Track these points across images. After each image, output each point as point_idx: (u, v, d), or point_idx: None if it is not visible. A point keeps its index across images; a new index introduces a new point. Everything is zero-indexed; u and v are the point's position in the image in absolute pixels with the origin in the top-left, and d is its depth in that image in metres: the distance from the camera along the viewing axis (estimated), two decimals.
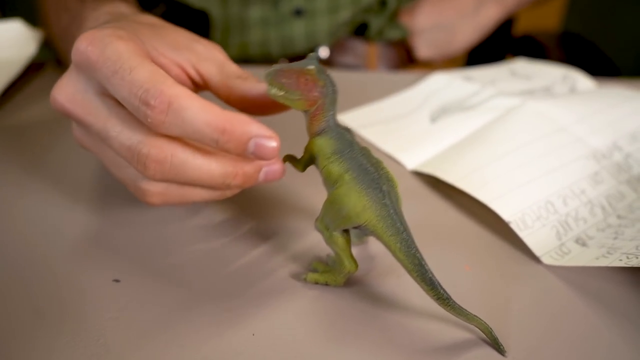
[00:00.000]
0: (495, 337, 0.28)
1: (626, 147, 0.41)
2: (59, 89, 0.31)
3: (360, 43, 0.70)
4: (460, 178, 0.39)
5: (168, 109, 0.27)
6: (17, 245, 0.34)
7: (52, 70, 0.56)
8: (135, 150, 0.29)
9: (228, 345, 0.28)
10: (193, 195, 0.31)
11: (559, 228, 0.35)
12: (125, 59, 0.28)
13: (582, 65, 0.58)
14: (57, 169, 0.41)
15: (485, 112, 0.46)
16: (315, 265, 0.32)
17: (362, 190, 0.28)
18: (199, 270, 0.33)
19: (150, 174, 0.29)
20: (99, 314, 0.30)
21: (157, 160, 0.28)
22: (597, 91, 0.49)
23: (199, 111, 0.27)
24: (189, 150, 0.29)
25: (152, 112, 0.27)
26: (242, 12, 0.63)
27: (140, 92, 0.27)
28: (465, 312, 0.27)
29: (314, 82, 0.29)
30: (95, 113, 0.30)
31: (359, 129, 0.47)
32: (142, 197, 0.31)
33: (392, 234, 0.28)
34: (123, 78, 0.28)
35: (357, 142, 0.30)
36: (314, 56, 0.30)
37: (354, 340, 0.28)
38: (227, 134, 0.27)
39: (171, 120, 0.27)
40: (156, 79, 0.27)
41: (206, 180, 0.29)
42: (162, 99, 0.27)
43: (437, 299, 0.28)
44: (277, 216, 0.37)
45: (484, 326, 0.28)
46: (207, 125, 0.27)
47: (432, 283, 0.27)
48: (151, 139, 0.28)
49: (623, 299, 0.31)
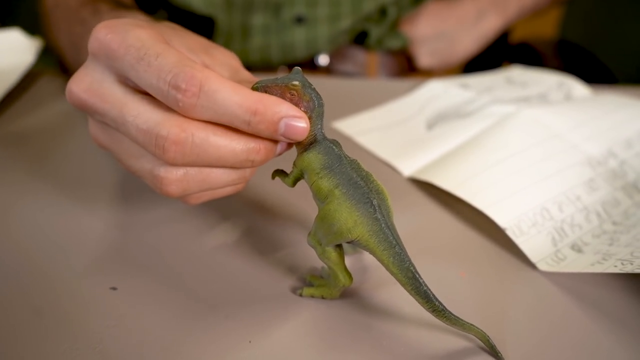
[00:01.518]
0: (493, 344, 0.28)
1: (621, 154, 0.41)
2: (75, 81, 0.30)
3: (360, 51, 0.70)
4: (456, 185, 0.39)
5: (200, 91, 0.27)
6: (15, 251, 0.34)
7: (51, 78, 0.56)
8: (154, 133, 0.28)
9: (225, 352, 0.28)
10: (214, 179, 0.30)
11: (554, 234, 0.35)
12: (150, 45, 0.28)
13: (579, 73, 0.58)
14: (55, 176, 0.41)
15: (481, 119, 0.46)
16: (310, 279, 0.32)
17: (352, 205, 0.28)
18: (196, 277, 0.33)
19: (171, 157, 0.28)
20: (96, 321, 0.30)
21: (177, 141, 0.27)
22: (592, 98, 0.50)
23: (231, 93, 0.27)
24: (210, 128, 0.28)
25: (184, 96, 0.27)
26: (245, 19, 0.64)
27: (169, 77, 0.27)
28: (461, 321, 0.28)
29: (300, 97, 0.28)
30: (111, 100, 0.29)
31: (355, 136, 0.47)
32: (160, 186, 0.30)
33: (385, 249, 0.28)
34: (150, 64, 0.27)
35: (346, 155, 0.29)
36: (297, 70, 0.29)
37: (349, 350, 0.28)
38: (259, 114, 0.27)
39: (203, 103, 0.27)
40: (185, 63, 0.27)
41: (229, 158, 0.29)
42: (193, 82, 0.27)
43: (432, 311, 0.28)
44: (275, 225, 0.37)
45: (481, 334, 0.28)
46: (239, 107, 0.27)
47: (427, 296, 0.27)
48: (170, 119, 0.28)
49: (619, 304, 0.31)
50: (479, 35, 0.72)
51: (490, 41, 0.74)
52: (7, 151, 0.45)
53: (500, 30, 0.74)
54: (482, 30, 0.72)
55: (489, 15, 0.72)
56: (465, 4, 0.72)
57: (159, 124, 0.28)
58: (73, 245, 0.35)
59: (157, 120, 0.28)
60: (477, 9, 0.72)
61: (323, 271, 0.33)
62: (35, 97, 0.53)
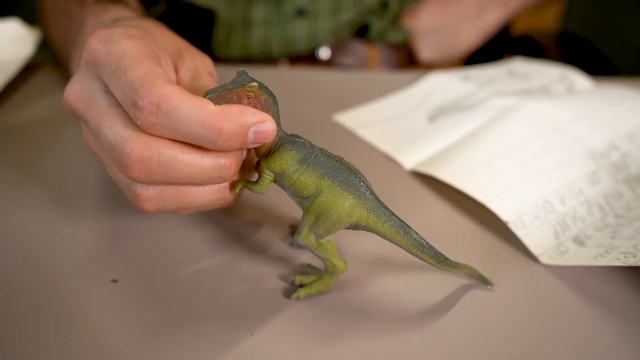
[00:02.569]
0: (481, 274, 0.31)
1: (624, 147, 0.41)
2: (69, 88, 0.31)
3: (361, 44, 0.70)
4: (458, 177, 0.39)
5: (157, 109, 0.26)
6: (15, 245, 0.34)
7: (50, 70, 0.56)
8: (119, 149, 0.27)
9: (227, 345, 0.28)
10: (191, 198, 0.29)
11: (556, 227, 0.35)
12: (128, 57, 0.27)
13: (581, 65, 0.58)
14: (56, 169, 0.41)
15: (483, 112, 0.46)
16: (299, 280, 0.31)
17: (344, 190, 0.28)
18: (197, 270, 0.33)
19: (135, 175, 0.27)
20: (97, 314, 0.30)
21: (141, 159, 0.26)
22: (594, 90, 0.49)
23: (192, 111, 0.26)
24: (177, 145, 0.27)
25: (141, 114, 0.26)
26: (246, 12, 0.63)
27: (131, 92, 0.26)
28: (458, 263, 0.30)
29: (257, 98, 0.27)
30: (94, 109, 0.29)
31: (356, 129, 0.47)
32: (136, 202, 0.29)
33: (385, 221, 0.29)
34: (119, 78, 0.27)
35: (312, 144, 0.29)
36: (242, 71, 0.28)
37: (348, 337, 0.28)
38: (225, 132, 0.26)
39: (163, 122, 0.26)
40: (147, 78, 0.26)
41: (199, 176, 0.28)
42: (150, 100, 0.25)
43: (437, 263, 0.30)
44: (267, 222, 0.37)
45: (469, 269, 0.31)
46: (202, 126, 0.26)
47: (431, 250, 0.30)
48: (137, 136, 0.27)
49: (621, 297, 0.31)
50: (481, 28, 0.72)
51: (492, 35, 0.74)
52: (5, 143, 0.44)
53: (502, 23, 0.73)
54: (484, 23, 0.72)
55: (491, 9, 0.71)
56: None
57: (125, 140, 0.27)
58: (74, 237, 0.34)
59: (124, 136, 0.27)
60: (479, 2, 0.71)
61: (303, 268, 0.32)
62: (34, 89, 0.53)
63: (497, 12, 0.72)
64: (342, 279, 0.32)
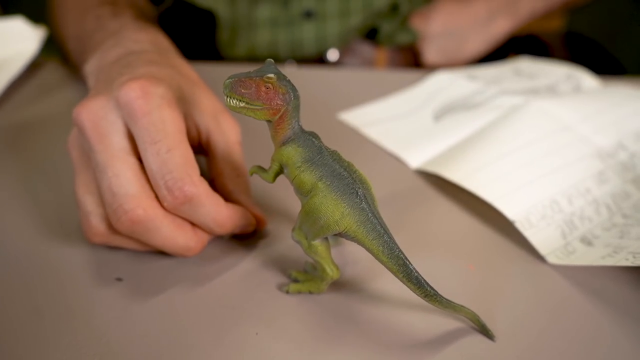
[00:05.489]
0: (483, 323, 0.28)
1: (631, 146, 0.41)
2: (88, 107, 0.31)
3: (369, 47, 0.69)
4: (464, 177, 0.38)
5: (187, 202, 0.29)
6: (18, 244, 0.34)
7: (54, 68, 0.56)
8: (119, 202, 0.29)
9: (232, 344, 0.28)
10: (133, 247, 0.32)
11: (564, 227, 0.35)
12: (168, 133, 0.30)
13: (587, 65, 0.57)
14: (58, 166, 0.41)
15: (489, 111, 0.45)
16: (295, 275, 0.31)
17: (338, 197, 0.27)
18: (202, 268, 0.32)
19: (120, 227, 0.29)
20: (102, 312, 0.30)
21: (135, 220, 0.29)
22: (601, 90, 0.49)
23: (212, 209, 0.30)
24: (167, 221, 0.30)
25: (172, 199, 0.29)
26: (250, 12, 0.62)
27: (168, 177, 0.29)
28: (452, 304, 0.28)
29: (275, 90, 0.27)
30: (107, 145, 0.30)
31: (361, 128, 0.47)
32: (86, 231, 0.31)
33: (374, 238, 0.27)
34: (159, 153, 0.29)
35: (326, 147, 0.29)
36: (270, 62, 0.28)
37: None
38: (224, 228, 0.31)
39: (186, 210, 0.30)
40: (185, 171, 0.29)
41: (167, 247, 0.31)
42: (185, 194, 0.29)
43: (424, 297, 0.27)
44: (275, 219, 0.37)
45: (471, 315, 0.28)
46: (213, 220, 0.31)
47: (418, 281, 0.27)
48: (140, 198, 0.29)
49: (628, 298, 0.31)
50: (489, 36, 0.71)
51: (499, 43, 0.73)
52: (10, 140, 0.44)
53: (510, 32, 0.73)
54: (493, 31, 0.71)
55: (500, 17, 0.71)
56: (477, 4, 0.71)
57: (128, 197, 0.29)
58: (79, 235, 0.34)
59: (128, 192, 0.29)
60: (488, 10, 0.71)
61: (307, 266, 0.32)
62: (39, 86, 0.53)
63: (506, 21, 0.71)
64: (350, 280, 0.32)
